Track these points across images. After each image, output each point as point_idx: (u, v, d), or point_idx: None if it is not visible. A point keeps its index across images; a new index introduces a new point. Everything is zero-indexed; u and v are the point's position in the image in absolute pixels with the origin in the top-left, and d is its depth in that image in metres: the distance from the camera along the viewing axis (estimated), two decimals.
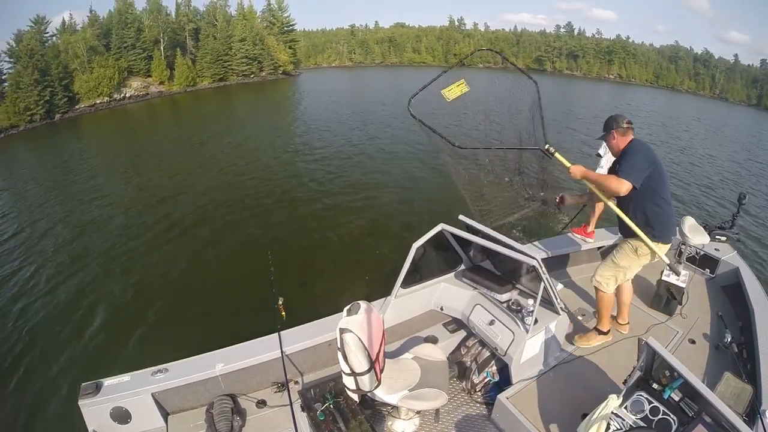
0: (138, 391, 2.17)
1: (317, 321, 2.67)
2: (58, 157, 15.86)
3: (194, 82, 39.98)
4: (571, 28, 75.23)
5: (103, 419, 2.15)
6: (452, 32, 78.69)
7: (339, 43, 77.96)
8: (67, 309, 5.55)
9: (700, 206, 9.79)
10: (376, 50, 76.83)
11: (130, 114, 29.84)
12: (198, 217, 8.29)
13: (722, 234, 3.82)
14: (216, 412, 2.28)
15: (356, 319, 2.00)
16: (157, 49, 37.81)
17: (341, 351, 1.99)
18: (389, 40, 78.06)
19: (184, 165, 12.82)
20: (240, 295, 5.37)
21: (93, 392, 2.12)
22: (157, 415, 2.26)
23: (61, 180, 12.21)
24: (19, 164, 16.65)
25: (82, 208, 9.43)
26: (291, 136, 16.46)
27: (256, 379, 2.49)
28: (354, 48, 77.41)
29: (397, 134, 15.48)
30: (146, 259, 6.69)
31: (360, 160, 12.17)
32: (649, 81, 66.79)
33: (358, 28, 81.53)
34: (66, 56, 32.24)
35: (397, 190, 9.50)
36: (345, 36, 79.34)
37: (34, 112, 28.63)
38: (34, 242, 7.81)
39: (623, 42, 70.62)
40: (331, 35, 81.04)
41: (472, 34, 79.57)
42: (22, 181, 12.45)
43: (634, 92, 49.27)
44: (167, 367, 2.30)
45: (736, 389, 2.21)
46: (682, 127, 24.06)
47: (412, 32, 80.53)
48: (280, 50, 47.40)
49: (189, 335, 4.69)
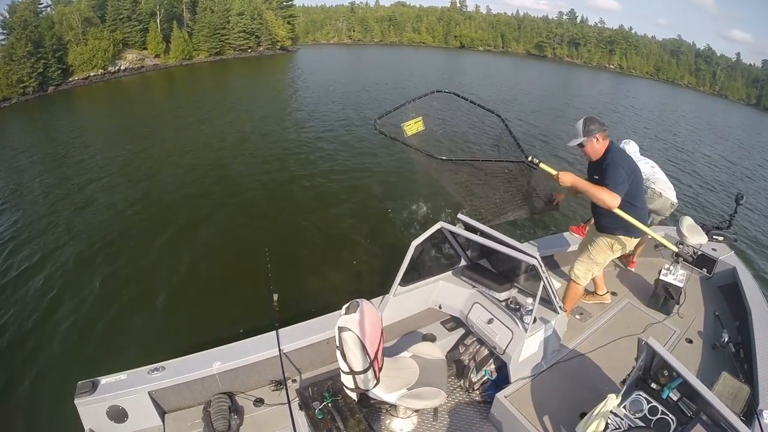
0: (135, 390, 2.16)
1: (315, 319, 2.66)
2: (50, 131, 15.83)
3: (190, 55, 39.74)
4: (573, 16, 75.05)
5: (100, 418, 2.14)
6: (453, 13, 78.20)
7: (338, 20, 77.29)
8: (61, 306, 5.51)
9: (698, 206, 9.82)
10: (375, 28, 76.20)
11: (125, 87, 29.67)
12: (190, 211, 8.20)
13: (720, 234, 3.84)
14: (213, 410, 2.26)
15: (355, 318, 1.99)
16: (153, 22, 37.46)
17: (339, 349, 1.99)
18: (389, 18, 77.49)
19: (173, 142, 12.71)
20: (238, 292, 5.34)
21: (89, 391, 2.11)
22: (154, 413, 2.25)
23: (51, 155, 12.16)
24: (9, 137, 16.51)
25: (70, 190, 9.45)
26: (287, 119, 16.05)
27: (254, 377, 2.48)
28: (353, 25, 76.68)
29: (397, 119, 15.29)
30: (141, 254, 6.64)
31: (360, 151, 11.88)
32: (650, 73, 66.73)
33: (358, 6, 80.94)
34: (60, 28, 31.83)
35: (397, 185, 9.43)
36: (345, 13, 78.69)
37: (27, 85, 28.25)
38: (25, 224, 7.84)
39: (626, 32, 70.42)
40: (330, 12, 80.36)
41: (473, 16, 79.27)
42: (11, 156, 12.38)
43: (633, 83, 49.11)
44: (164, 365, 2.29)
45: (733, 389, 2.22)
46: (683, 124, 24.01)
47: (413, 12, 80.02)
48: (279, 25, 47.02)
49: (186, 333, 4.67)
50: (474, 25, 76.97)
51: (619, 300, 3.45)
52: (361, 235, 6.99)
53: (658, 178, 3.62)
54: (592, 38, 69.68)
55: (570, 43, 70.25)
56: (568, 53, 70.03)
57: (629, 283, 3.68)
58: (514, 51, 73.87)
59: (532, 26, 75.41)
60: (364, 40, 75.00)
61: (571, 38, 70.08)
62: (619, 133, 15.43)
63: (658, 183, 3.59)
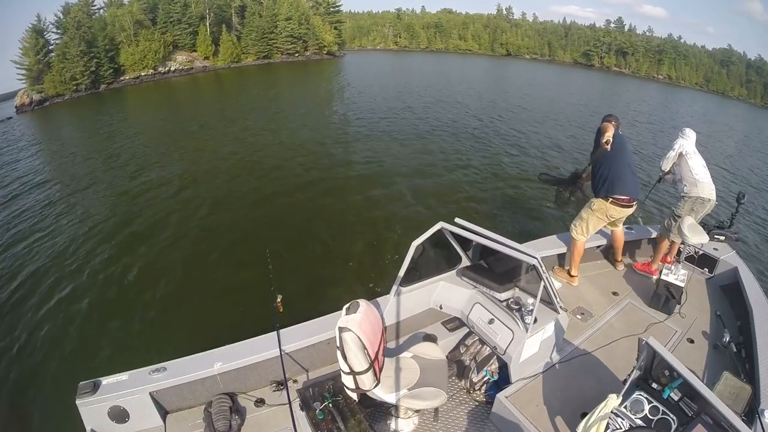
0: (136, 390, 2.16)
1: (316, 319, 2.66)
2: (97, 127, 16.75)
3: (239, 58, 41.11)
4: (621, 24, 73.21)
5: (101, 418, 2.14)
6: (500, 21, 77.97)
7: (384, 26, 78.06)
8: (63, 305, 5.53)
9: None
10: (421, 35, 76.46)
11: (174, 87, 30.65)
12: (191, 212, 8.27)
13: (721, 233, 3.83)
14: (214, 411, 2.27)
15: (355, 318, 1.99)
16: (203, 25, 38.86)
17: (340, 350, 1.99)
18: (435, 25, 77.60)
19: (213, 143, 13.08)
20: (238, 293, 5.35)
21: (91, 391, 2.11)
22: (155, 414, 2.25)
23: (88, 151, 12.78)
24: (60, 131, 17.87)
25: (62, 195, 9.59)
26: (316, 123, 16.09)
27: (255, 377, 2.48)
28: (399, 32, 77.26)
29: (419, 129, 14.82)
30: (142, 255, 6.66)
31: (368, 157, 11.77)
32: (699, 84, 63.92)
33: (404, 12, 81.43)
34: (112, 29, 33.46)
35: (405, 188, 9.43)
36: (391, 19, 79.34)
37: (80, 82, 30.25)
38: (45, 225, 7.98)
39: (674, 42, 68.62)
40: (377, 18, 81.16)
41: (519, 23, 78.71)
42: (56, 148, 13.09)
43: (684, 94, 47.50)
44: (165, 365, 2.29)
45: (734, 389, 2.21)
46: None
47: (459, 19, 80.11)
48: (326, 30, 48.04)
49: (187, 334, 4.68)
50: (520, 32, 76.29)
51: (620, 300, 3.45)
52: (361, 236, 7.00)
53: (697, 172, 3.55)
54: (641, 47, 67.63)
55: (618, 52, 68.32)
56: (615, 62, 68.10)
57: (630, 283, 3.68)
58: (561, 59, 72.55)
59: (579, 34, 74.07)
60: (410, 46, 75.50)
61: (618, 47, 68.18)
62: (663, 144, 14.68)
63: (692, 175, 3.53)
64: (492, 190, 9.42)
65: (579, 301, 3.41)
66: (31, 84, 29.74)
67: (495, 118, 17.53)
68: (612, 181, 3.30)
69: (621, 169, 3.32)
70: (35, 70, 29.74)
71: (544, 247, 3.70)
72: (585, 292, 3.52)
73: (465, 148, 12.65)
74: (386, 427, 2.39)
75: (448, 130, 14.92)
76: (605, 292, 3.55)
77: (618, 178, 3.29)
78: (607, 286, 3.63)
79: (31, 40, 30.49)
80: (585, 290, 3.55)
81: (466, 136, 14.13)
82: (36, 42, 30.43)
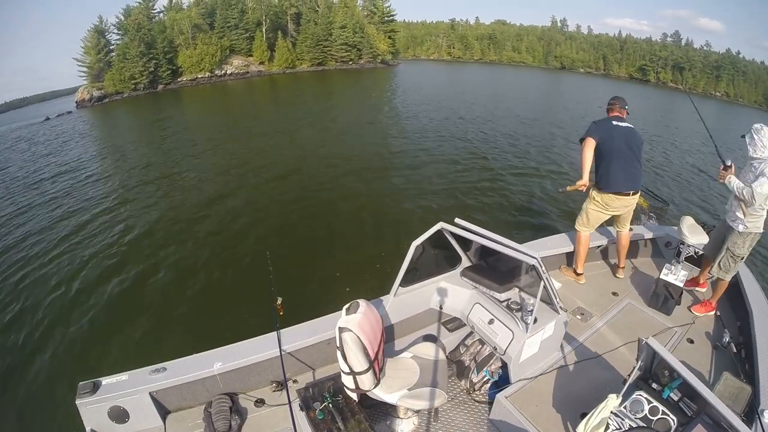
0: (136, 390, 2.16)
1: (316, 320, 2.66)
2: (148, 122, 17.76)
3: (294, 64, 42.05)
4: (678, 38, 69.66)
5: (101, 419, 2.14)
6: (554, 33, 76.83)
7: (438, 36, 77.89)
8: (63, 305, 5.53)
9: (699, 206, 9.78)
10: (475, 46, 76.15)
11: (230, 90, 31.13)
12: (194, 212, 8.26)
13: None
14: (214, 411, 2.27)
15: (355, 318, 1.99)
16: (259, 31, 39.97)
17: (340, 350, 1.99)
18: (489, 36, 77.20)
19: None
20: (239, 293, 5.35)
21: (90, 391, 2.11)
22: (155, 414, 2.25)
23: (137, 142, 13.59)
24: (116, 127, 18.92)
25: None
26: (347, 132, 15.43)
27: (255, 378, 2.48)
28: (453, 42, 76.94)
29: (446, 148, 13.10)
30: (144, 255, 6.66)
31: (383, 165, 11.26)
32: (758, 102, 58.92)
33: (458, 23, 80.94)
34: (171, 32, 34.86)
35: (398, 186, 9.41)
36: (445, 30, 79.04)
37: (138, 81, 31.78)
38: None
39: (733, 57, 64.10)
40: (430, 28, 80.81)
41: (574, 36, 77.15)
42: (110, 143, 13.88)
43: (741, 112, 43.76)
44: (165, 366, 2.29)
45: (734, 389, 2.21)
46: None
47: (513, 30, 79.37)
48: (380, 39, 48.56)
49: (187, 334, 4.68)
50: (575, 45, 74.71)
51: (620, 300, 3.45)
52: (362, 236, 7.00)
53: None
54: (698, 62, 63.91)
55: (674, 67, 64.82)
56: (672, 78, 64.40)
57: (630, 283, 3.68)
58: (616, 74, 69.50)
59: (634, 48, 70.65)
60: (463, 57, 75.02)
61: (675, 62, 64.81)
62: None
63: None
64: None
65: (579, 301, 3.41)
66: (91, 81, 31.31)
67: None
68: (607, 172, 3.34)
69: (617, 161, 3.32)
70: (96, 68, 31.36)
71: (546, 246, 3.70)
72: (585, 293, 3.52)
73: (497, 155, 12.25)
74: (386, 427, 2.39)
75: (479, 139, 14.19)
76: (605, 293, 3.55)
77: (614, 169, 3.31)
78: (606, 287, 3.63)
79: (93, 39, 32.20)
80: (585, 290, 3.55)
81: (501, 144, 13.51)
82: (97, 42, 32.07)
